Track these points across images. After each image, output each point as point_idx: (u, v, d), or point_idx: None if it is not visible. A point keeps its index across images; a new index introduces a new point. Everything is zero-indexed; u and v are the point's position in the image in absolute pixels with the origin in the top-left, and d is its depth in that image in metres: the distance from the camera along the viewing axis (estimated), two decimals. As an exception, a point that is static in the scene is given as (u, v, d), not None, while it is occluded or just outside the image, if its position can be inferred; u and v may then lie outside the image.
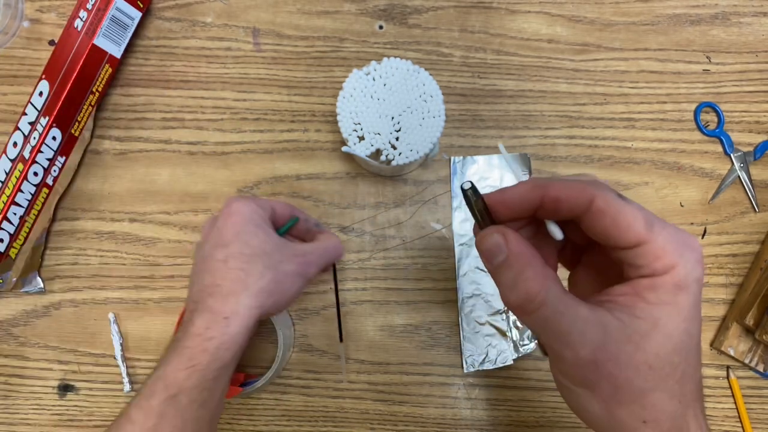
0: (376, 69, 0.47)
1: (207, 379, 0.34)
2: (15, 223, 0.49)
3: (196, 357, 0.34)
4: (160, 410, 0.33)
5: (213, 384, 0.35)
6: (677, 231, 0.26)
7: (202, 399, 0.34)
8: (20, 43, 0.54)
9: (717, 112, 0.54)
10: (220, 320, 0.35)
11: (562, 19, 0.55)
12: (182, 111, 0.54)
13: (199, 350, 0.34)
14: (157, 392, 0.34)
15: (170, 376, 0.34)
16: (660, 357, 0.25)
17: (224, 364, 0.35)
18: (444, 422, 0.51)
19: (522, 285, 0.26)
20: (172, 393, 0.33)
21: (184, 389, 0.34)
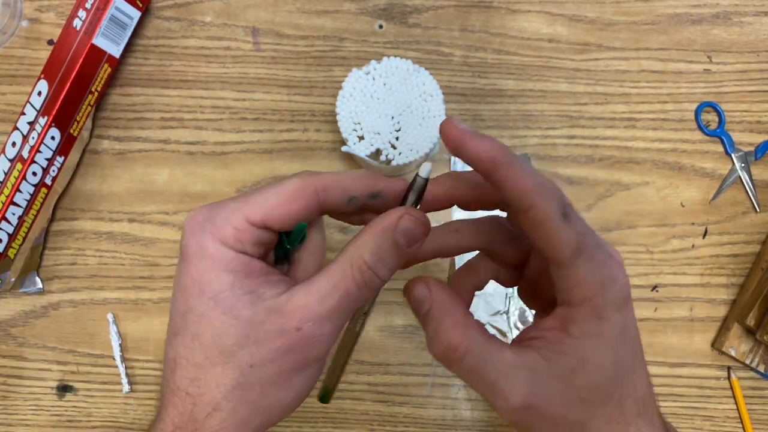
0: (376, 68, 0.46)
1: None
2: (14, 223, 0.49)
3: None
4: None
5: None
6: (606, 262, 0.25)
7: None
8: (19, 43, 0.54)
9: (718, 112, 0.54)
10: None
11: (562, 19, 0.54)
12: (181, 111, 0.54)
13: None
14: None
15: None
16: (592, 389, 0.25)
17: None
18: (444, 423, 0.51)
19: (443, 335, 0.25)
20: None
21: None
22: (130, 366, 0.52)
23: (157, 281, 0.52)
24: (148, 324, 0.52)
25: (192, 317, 0.25)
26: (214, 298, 0.25)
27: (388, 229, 0.25)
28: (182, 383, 0.25)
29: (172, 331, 0.26)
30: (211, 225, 0.25)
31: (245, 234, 0.25)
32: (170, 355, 0.26)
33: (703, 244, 0.53)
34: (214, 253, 0.25)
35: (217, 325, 0.24)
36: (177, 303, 0.26)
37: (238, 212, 0.25)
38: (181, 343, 0.25)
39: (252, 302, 0.25)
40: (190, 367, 0.25)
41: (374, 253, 0.25)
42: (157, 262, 0.53)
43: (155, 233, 0.53)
